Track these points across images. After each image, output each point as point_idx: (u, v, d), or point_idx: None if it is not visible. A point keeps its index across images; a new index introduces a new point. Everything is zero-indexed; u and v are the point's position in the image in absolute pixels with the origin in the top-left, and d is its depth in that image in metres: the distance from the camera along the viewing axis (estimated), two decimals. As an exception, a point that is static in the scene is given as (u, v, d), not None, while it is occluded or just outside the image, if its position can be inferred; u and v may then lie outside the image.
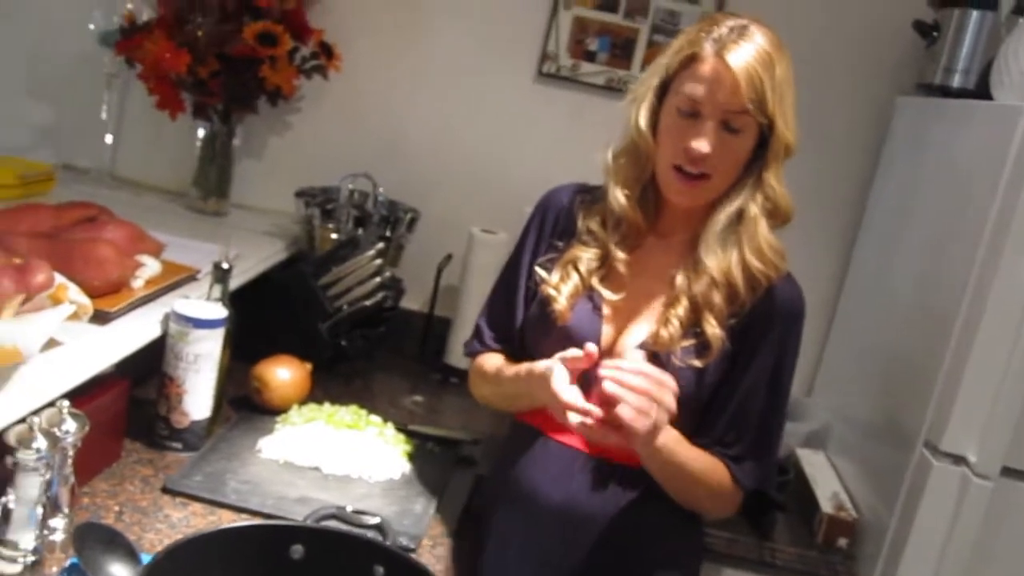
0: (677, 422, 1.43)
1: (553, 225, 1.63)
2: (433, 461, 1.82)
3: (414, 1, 2.39)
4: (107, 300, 1.56)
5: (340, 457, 1.71)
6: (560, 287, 1.55)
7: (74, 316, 1.39)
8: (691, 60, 1.45)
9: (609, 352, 1.53)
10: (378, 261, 2.08)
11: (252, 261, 2.07)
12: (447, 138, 2.43)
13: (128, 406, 1.60)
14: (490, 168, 2.42)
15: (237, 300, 1.76)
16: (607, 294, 1.55)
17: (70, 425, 1.31)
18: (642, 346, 1.51)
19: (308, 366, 1.94)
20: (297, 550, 1.15)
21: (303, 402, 1.89)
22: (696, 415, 1.52)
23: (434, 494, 1.70)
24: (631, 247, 1.58)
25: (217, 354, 1.66)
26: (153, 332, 1.62)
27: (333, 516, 1.47)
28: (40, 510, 1.27)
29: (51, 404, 1.32)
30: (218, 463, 1.64)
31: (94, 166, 2.44)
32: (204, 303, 1.67)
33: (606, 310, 1.55)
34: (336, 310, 2.09)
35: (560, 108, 2.40)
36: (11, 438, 1.23)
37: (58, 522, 1.34)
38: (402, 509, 1.62)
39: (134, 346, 1.56)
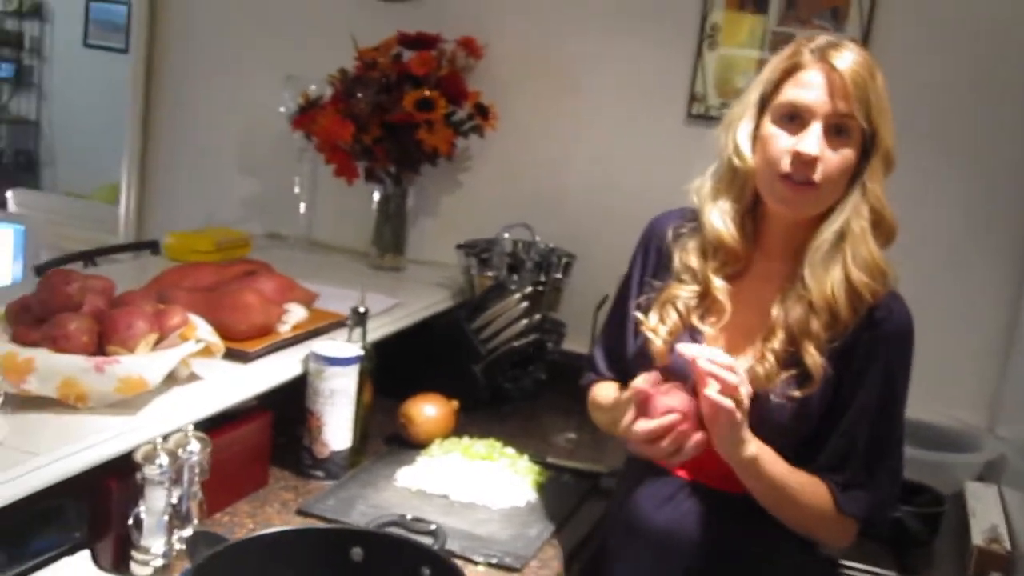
0: (779, 453, 1.43)
1: (656, 261, 1.64)
2: (566, 492, 1.88)
3: (564, 58, 2.51)
4: (252, 343, 1.77)
5: (468, 485, 1.81)
6: (658, 328, 1.55)
7: (206, 353, 1.60)
8: (794, 69, 1.45)
9: None
10: (524, 304, 2.18)
11: (414, 308, 2.24)
12: (603, 184, 2.52)
13: (272, 437, 1.78)
14: (645, 210, 2.44)
15: (401, 344, 1.90)
16: (707, 330, 1.54)
17: (194, 447, 1.49)
18: None
19: (454, 404, 2.07)
20: (357, 552, 1.26)
21: (447, 437, 2.01)
22: (799, 444, 1.49)
23: (556, 522, 1.75)
24: (732, 275, 1.56)
25: (353, 390, 1.82)
26: (294, 370, 1.80)
27: (394, 523, 1.56)
28: (166, 519, 1.45)
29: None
30: (354, 489, 1.78)
31: (293, 233, 2.71)
32: (343, 344, 1.84)
33: (709, 343, 1.56)
34: (489, 352, 2.21)
35: (711, 148, 2.41)
36: (138, 456, 1.43)
37: (188, 533, 1.52)
38: (517, 533, 1.69)
39: (271, 383, 1.75)
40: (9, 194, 3.44)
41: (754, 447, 1.41)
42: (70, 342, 1.47)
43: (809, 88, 1.42)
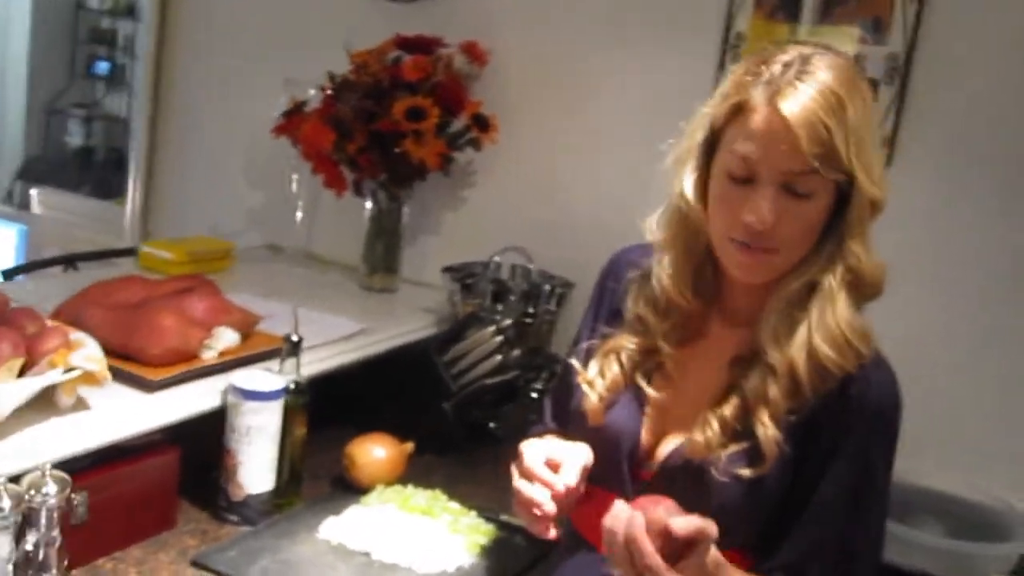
0: (728, 546, 1.18)
1: (610, 302, 1.41)
2: (512, 556, 1.65)
3: (578, 69, 2.28)
4: (163, 370, 1.60)
5: (396, 543, 1.60)
6: (595, 381, 1.33)
7: (89, 380, 1.43)
8: (739, 110, 1.19)
9: (649, 458, 1.30)
10: (499, 339, 1.97)
11: (385, 335, 2.05)
12: (613, 206, 2.24)
13: (179, 475, 1.61)
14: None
15: (371, 374, 1.75)
16: (650, 391, 1.31)
17: (50, 488, 1.32)
18: (675, 453, 1.27)
19: (407, 446, 1.86)
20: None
21: (394, 482, 1.80)
22: (753, 535, 1.24)
23: (484, 593, 1.54)
24: (685, 337, 1.32)
25: (274, 427, 1.63)
26: (209, 403, 1.62)
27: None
28: (10, 568, 1.29)
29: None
30: (266, 540, 1.60)
31: (291, 245, 2.55)
32: (267, 376, 1.66)
33: (649, 409, 1.32)
34: (460, 388, 2.00)
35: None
36: (-24, 498, 1.27)
37: (42, 584, 1.35)
38: (433, 606, 1.48)
39: (176, 416, 1.57)
40: (33, 192, 3.39)
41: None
42: (-81, 364, 1.32)
43: (753, 141, 1.16)
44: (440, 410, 2.00)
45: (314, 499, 1.76)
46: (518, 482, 1.25)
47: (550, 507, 1.21)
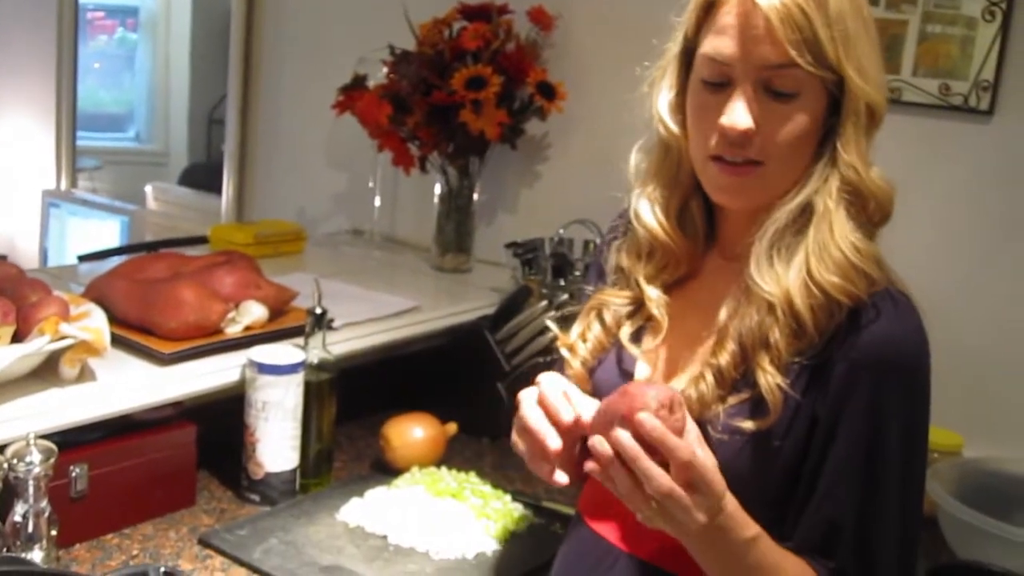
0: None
1: (597, 264, 1.29)
2: (542, 544, 1.51)
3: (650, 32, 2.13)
4: (180, 342, 1.56)
5: (416, 527, 1.51)
6: (576, 345, 1.20)
7: (86, 350, 1.40)
8: (709, 8, 1.06)
9: None
10: (552, 313, 1.84)
11: (438, 313, 1.96)
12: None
13: (197, 453, 1.56)
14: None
15: (431, 355, 1.78)
16: (632, 349, 1.17)
17: (35, 457, 1.29)
18: None
19: (448, 428, 1.77)
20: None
21: (431, 464, 1.71)
22: (768, 505, 1.07)
23: (501, 581, 1.42)
24: (674, 281, 1.19)
25: (291, 403, 1.57)
26: (227, 377, 1.58)
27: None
28: (-9, 539, 1.27)
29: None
30: (281, 520, 1.53)
31: (376, 229, 2.50)
32: (288, 349, 1.59)
33: (641, 367, 1.18)
34: (514, 368, 1.89)
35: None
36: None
37: (36, 554, 1.32)
38: (440, 593, 1.38)
39: (189, 390, 1.53)
40: (148, 188, 3.49)
41: (722, 517, 0.99)
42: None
43: (724, 35, 1.03)
44: (494, 390, 1.90)
45: (345, 480, 1.69)
46: (525, 408, 1.09)
47: (554, 442, 1.05)
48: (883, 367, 1.03)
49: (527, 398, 1.10)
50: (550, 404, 1.06)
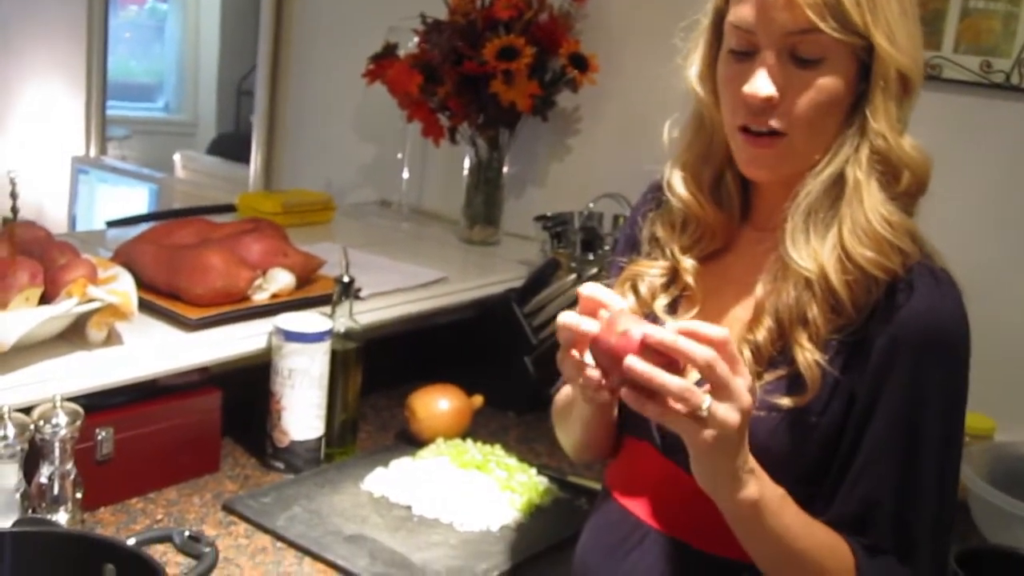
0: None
1: (630, 232, 1.27)
2: (567, 518, 1.51)
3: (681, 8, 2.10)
4: (206, 308, 1.56)
5: (440, 498, 1.50)
6: None
7: (114, 314, 1.40)
8: None
9: None
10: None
11: (465, 285, 1.95)
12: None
13: (222, 419, 1.56)
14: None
15: (458, 328, 1.79)
16: (670, 321, 1.14)
17: (61, 419, 1.29)
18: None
19: (474, 400, 1.76)
20: (111, 570, 1.01)
21: (456, 436, 1.70)
22: (801, 482, 1.05)
23: (522, 555, 1.41)
24: (710, 254, 1.17)
25: (317, 371, 1.56)
26: (253, 344, 1.57)
27: (163, 539, 1.27)
28: (17, 498, 1.27)
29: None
30: (306, 488, 1.53)
31: (404, 201, 2.49)
32: (315, 317, 1.59)
33: None
34: (541, 341, 1.87)
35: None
36: (-15, 426, 1.25)
37: (61, 516, 1.33)
38: (461, 565, 1.37)
39: (214, 356, 1.53)
40: (176, 156, 3.49)
41: (754, 487, 0.98)
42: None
43: (748, 2, 1.01)
44: (521, 364, 1.89)
45: (370, 450, 1.68)
46: (563, 315, 1.00)
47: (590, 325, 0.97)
48: (924, 343, 1.01)
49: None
50: (593, 298, 1.00)
